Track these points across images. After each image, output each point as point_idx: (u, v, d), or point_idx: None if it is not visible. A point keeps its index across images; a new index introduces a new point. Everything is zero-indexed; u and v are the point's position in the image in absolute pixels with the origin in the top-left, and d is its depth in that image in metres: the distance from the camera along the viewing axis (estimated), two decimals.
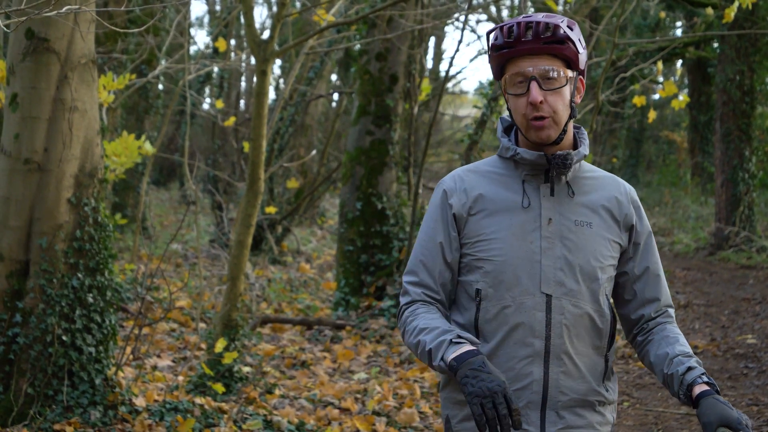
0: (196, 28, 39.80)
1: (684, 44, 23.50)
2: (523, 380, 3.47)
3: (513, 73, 3.46)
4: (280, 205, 20.92)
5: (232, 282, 9.34)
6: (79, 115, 7.67)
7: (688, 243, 21.60)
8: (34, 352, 7.51)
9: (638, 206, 3.65)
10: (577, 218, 3.53)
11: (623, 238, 3.60)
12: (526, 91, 3.43)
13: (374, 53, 13.96)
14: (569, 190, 3.55)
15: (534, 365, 3.46)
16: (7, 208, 7.59)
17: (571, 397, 3.49)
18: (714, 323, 13.24)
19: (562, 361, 3.47)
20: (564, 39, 3.42)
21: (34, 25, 7.45)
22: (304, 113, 23.34)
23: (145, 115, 22.21)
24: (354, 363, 11.32)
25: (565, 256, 3.49)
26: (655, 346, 3.56)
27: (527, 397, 3.47)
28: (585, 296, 3.50)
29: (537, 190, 3.54)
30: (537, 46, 3.40)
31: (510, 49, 3.43)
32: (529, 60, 3.43)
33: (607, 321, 3.54)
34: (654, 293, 3.64)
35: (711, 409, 3.23)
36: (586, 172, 3.63)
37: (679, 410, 9.15)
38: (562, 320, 3.46)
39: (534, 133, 3.46)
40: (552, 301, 3.46)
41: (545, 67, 3.42)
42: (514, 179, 3.57)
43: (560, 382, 3.47)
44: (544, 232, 3.50)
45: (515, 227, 3.50)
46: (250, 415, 8.48)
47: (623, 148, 33.04)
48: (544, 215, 3.51)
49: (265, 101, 9.11)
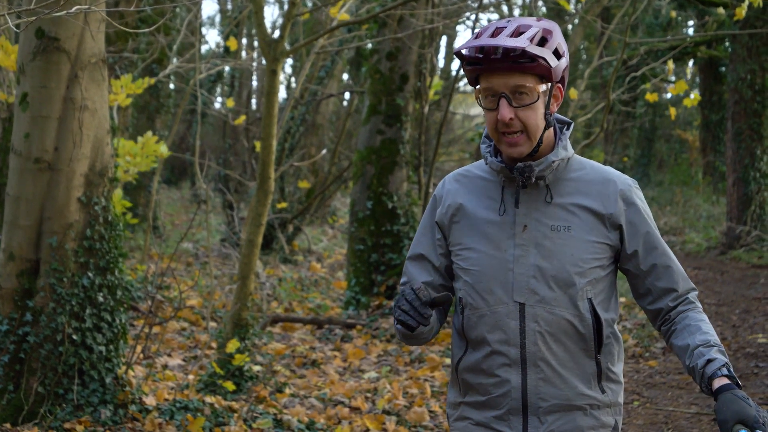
0: (207, 28, 39.82)
1: (695, 43, 23.46)
2: (504, 387, 3.51)
3: (484, 88, 3.45)
4: (291, 204, 20.93)
5: (243, 281, 9.35)
6: (89, 114, 7.67)
7: (700, 242, 21.55)
8: (44, 350, 7.52)
9: (631, 202, 3.58)
10: (553, 223, 3.50)
11: (611, 238, 3.55)
12: (496, 107, 3.42)
13: (385, 52, 13.96)
14: (548, 194, 3.53)
15: (512, 373, 3.50)
16: (18, 207, 7.61)
17: (552, 403, 3.49)
18: (725, 322, 13.21)
19: (539, 368, 3.48)
20: (533, 57, 3.36)
21: (44, 24, 7.46)
22: (315, 112, 23.38)
23: (156, 115, 22.26)
24: (364, 362, 11.33)
25: (538, 263, 3.48)
26: (677, 336, 3.53)
27: (508, 403, 3.52)
28: (561, 302, 3.48)
29: (513, 197, 3.54)
30: (507, 64, 3.37)
31: (480, 66, 3.42)
32: (499, 77, 3.40)
33: (589, 325, 3.50)
34: (667, 284, 3.59)
35: (728, 405, 3.20)
36: (574, 171, 3.59)
37: (689, 409, 9.14)
38: (535, 328, 3.47)
39: (506, 149, 3.48)
40: (525, 309, 3.47)
41: (515, 83, 3.39)
42: (496, 185, 3.59)
43: (539, 388, 3.48)
44: (518, 240, 3.50)
45: (491, 236, 3.54)
46: (260, 414, 8.48)
47: (635, 147, 32.99)
48: (519, 222, 3.52)
49: (276, 100, 9.12)
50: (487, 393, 3.55)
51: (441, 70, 33.21)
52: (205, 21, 38.55)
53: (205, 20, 38.84)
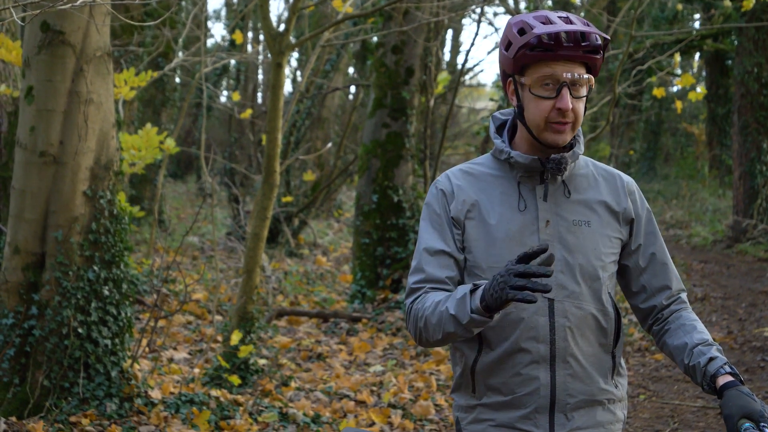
0: (213, 21, 39.87)
1: (701, 36, 23.42)
2: (531, 385, 3.44)
3: (543, 75, 3.36)
4: (296, 197, 20.94)
5: (248, 274, 9.35)
6: (94, 107, 7.67)
7: (706, 236, 21.54)
8: (50, 344, 7.53)
9: (636, 197, 3.61)
10: (574, 218, 3.49)
11: (623, 233, 3.56)
12: (555, 95, 3.36)
13: (390, 46, 13.95)
14: (565, 189, 3.52)
15: (540, 370, 3.43)
16: (23, 201, 7.61)
17: (579, 399, 3.46)
18: (731, 316, 13.20)
19: (568, 363, 3.44)
20: (599, 48, 3.37)
21: (49, 17, 7.45)
22: (320, 106, 23.37)
23: (161, 108, 22.26)
24: (370, 355, 11.33)
25: (564, 257, 3.45)
26: (672, 336, 3.53)
27: (535, 401, 3.44)
28: (587, 297, 3.46)
29: (533, 192, 3.50)
30: (576, 53, 3.34)
31: (548, 52, 3.34)
32: (564, 65, 3.35)
33: (611, 319, 3.50)
34: (663, 281, 3.60)
35: (733, 401, 3.20)
36: (582, 168, 3.60)
37: (695, 403, 9.13)
38: (565, 323, 3.43)
39: (552, 136, 3.41)
40: (555, 304, 3.43)
41: (579, 75, 3.36)
42: (509, 181, 3.53)
43: (567, 384, 3.44)
44: (542, 235, 3.45)
45: (513, 231, 3.46)
46: (265, 407, 8.49)
47: (641, 140, 32.99)
48: (542, 217, 3.47)
49: (281, 94, 9.11)
50: (511, 392, 3.46)
51: (446, 63, 33.20)
52: (210, 14, 38.58)
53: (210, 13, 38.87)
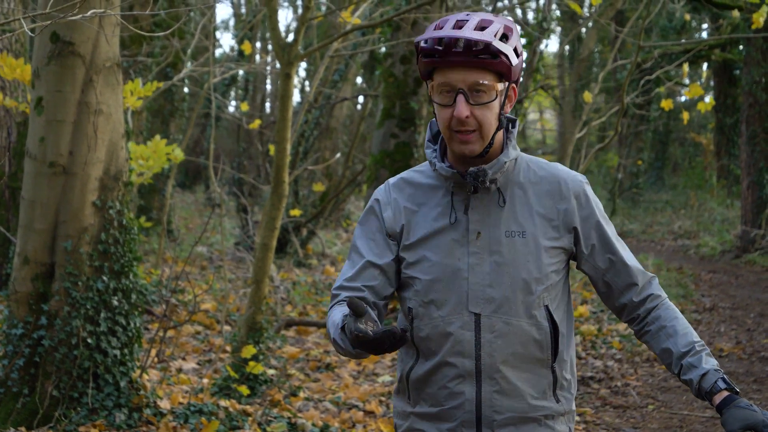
0: (222, 31, 39.95)
1: (710, 47, 23.42)
2: (457, 399, 3.39)
3: (440, 83, 3.30)
4: (305, 207, 20.95)
5: (257, 285, 9.36)
6: (104, 118, 7.69)
7: (714, 246, 21.52)
8: (59, 354, 7.54)
9: (585, 201, 3.48)
10: (507, 229, 3.38)
11: (566, 241, 3.45)
12: (452, 102, 3.28)
13: (399, 56, 13.97)
14: (500, 198, 3.41)
15: (465, 385, 3.38)
16: (33, 211, 7.62)
17: (507, 416, 3.38)
18: (740, 326, 13.18)
19: (494, 380, 3.36)
20: (496, 53, 3.24)
21: (59, 28, 7.48)
22: (329, 116, 23.38)
23: (170, 118, 22.30)
24: (378, 365, 11.32)
25: (494, 271, 3.36)
26: (655, 339, 3.46)
27: (461, 416, 3.39)
28: (518, 311, 3.36)
29: (464, 203, 3.41)
30: (468, 59, 3.23)
31: (439, 59, 3.27)
32: (459, 72, 3.26)
33: (546, 333, 3.39)
34: (627, 279, 3.50)
35: (734, 416, 3.19)
36: (523, 172, 3.47)
37: (704, 413, 9.11)
38: (491, 339, 3.35)
39: (457, 146, 3.34)
40: (481, 319, 3.35)
41: (474, 79, 3.26)
42: (444, 191, 3.45)
43: (494, 401, 3.37)
44: (472, 248, 3.37)
45: (444, 244, 3.40)
46: (274, 417, 8.48)
47: (649, 150, 32.95)
48: (472, 229, 3.39)
49: (290, 104, 9.13)
50: (439, 405, 3.43)
51: None
52: (219, 25, 38.64)
53: (219, 24, 38.93)
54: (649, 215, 28.67)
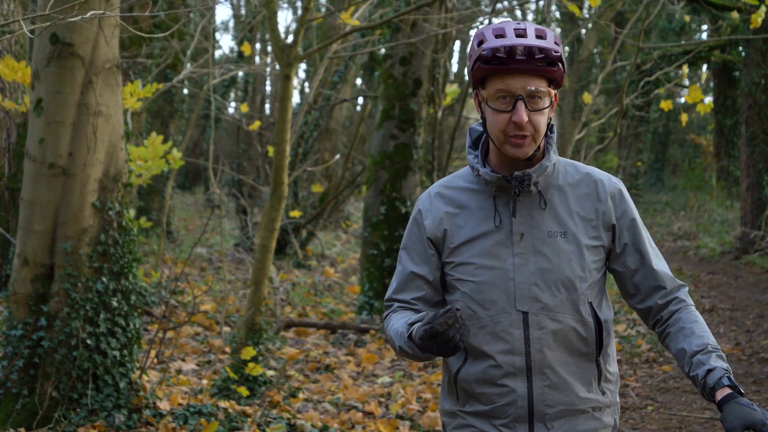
0: (221, 33, 39.94)
1: (709, 48, 23.43)
2: (508, 396, 3.50)
3: (498, 89, 3.39)
4: (304, 209, 20.96)
5: (257, 286, 9.36)
6: (103, 119, 7.69)
7: (714, 247, 21.52)
8: (58, 355, 7.54)
9: (620, 200, 3.60)
10: (550, 229, 3.51)
11: (605, 239, 3.56)
12: (511, 108, 3.38)
13: (398, 57, 13.96)
14: (541, 200, 3.53)
15: (517, 381, 3.49)
16: (32, 213, 7.63)
17: (558, 409, 3.50)
18: (739, 327, 13.18)
19: (545, 375, 3.48)
20: (556, 61, 3.37)
21: (58, 30, 7.48)
22: (328, 117, 23.39)
23: (170, 120, 22.30)
24: (378, 367, 11.32)
25: (539, 270, 3.48)
26: (673, 340, 3.52)
27: (513, 412, 3.50)
28: (564, 308, 3.49)
29: (507, 206, 3.53)
30: (528, 66, 3.34)
31: (501, 66, 3.36)
32: (519, 79, 3.37)
33: (591, 329, 3.52)
34: (655, 282, 3.58)
35: (733, 414, 3.21)
36: (561, 174, 3.60)
37: (703, 414, 9.12)
38: (540, 335, 3.47)
39: (511, 149, 3.43)
40: (529, 317, 3.47)
41: (534, 88, 3.36)
42: (486, 195, 3.57)
43: (545, 395, 3.49)
44: (516, 249, 3.49)
45: (488, 247, 3.52)
46: (273, 418, 8.49)
47: (648, 151, 32.97)
48: (516, 231, 3.50)
49: (289, 105, 9.13)
50: (490, 402, 3.53)
51: (455, 75, 33.23)
52: (218, 26, 38.64)
53: (218, 25, 38.93)
54: (649, 216, 28.67)
